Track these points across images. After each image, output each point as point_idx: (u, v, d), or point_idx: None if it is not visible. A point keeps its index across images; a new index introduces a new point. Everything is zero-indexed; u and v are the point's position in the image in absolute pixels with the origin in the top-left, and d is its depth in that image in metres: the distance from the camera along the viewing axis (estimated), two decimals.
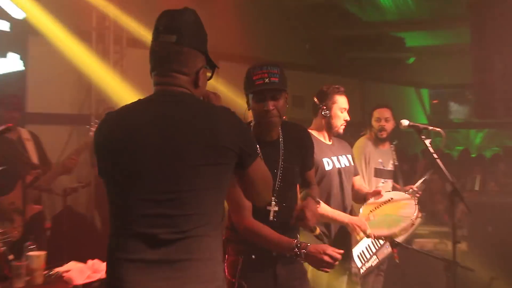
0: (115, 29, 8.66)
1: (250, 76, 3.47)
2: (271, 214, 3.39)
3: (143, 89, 7.97)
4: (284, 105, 3.46)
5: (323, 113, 4.51)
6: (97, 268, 4.72)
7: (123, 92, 8.43)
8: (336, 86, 4.61)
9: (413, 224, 4.65)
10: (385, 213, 4.68)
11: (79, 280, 4.49)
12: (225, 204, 2.98)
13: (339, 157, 4.56)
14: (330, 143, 4.60)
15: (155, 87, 2.54)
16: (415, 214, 4.61)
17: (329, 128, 4.57)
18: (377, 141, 6.16)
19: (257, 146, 2.63)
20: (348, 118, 4.57)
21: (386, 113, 6.13)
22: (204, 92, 2.63)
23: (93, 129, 5.87)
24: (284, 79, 3.45)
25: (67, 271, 4.59)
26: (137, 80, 8.38)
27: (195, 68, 2.52)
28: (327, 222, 4.40)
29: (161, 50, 2.50)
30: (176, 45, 2.47)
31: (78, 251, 5.50)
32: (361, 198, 4.85)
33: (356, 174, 4.97)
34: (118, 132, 2.45)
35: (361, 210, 4.77)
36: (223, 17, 8.90)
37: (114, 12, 8.45)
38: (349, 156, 4.74)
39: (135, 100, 2.52)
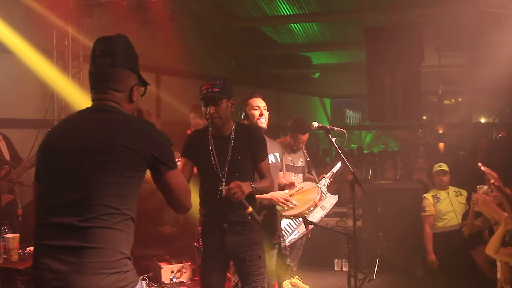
0: (73, 47, 8.46)
1: (200, 88, 3.62)
2: (223, 192, 3.47)
3: None
4: (226, 109, 3.59)
5: (242, 116, 4.51)
6: None
7: (81, 100, 8.26)
8: (249, 94, 4.58)
9: (316, 205, 4.73)
10: (296, 198, 4.76)
11: None
12: None
13: (269, 155, 4.51)
14: None
15: (92, 102, 2.47)
16: (318, 197, 4.70)
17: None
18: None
19: (175, 159, 2.50)
20: (264, 113, 4.47)
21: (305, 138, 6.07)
22: (137, 107, 2.56)
23: None
24: (226, 89, 3.56)
25: None
26: None
27: (129, 85, 2.46)
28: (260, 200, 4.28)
29: (98, 72, 2.44)
30: (111, 67, 2.42)
31: None
32: (280, 188, 4.85)
33: (281, 169, 5.01)
34: (51, 139, 2.44)
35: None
36: (164, 38, 8.84)
37: (72, 33, 8.26)
38: (277, 154, 4.71)
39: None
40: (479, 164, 4.59)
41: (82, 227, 2.20)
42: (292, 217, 4.98)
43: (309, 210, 4.72)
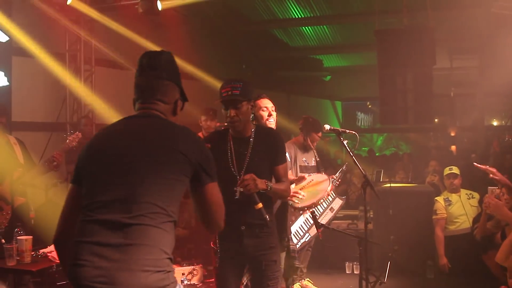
0: (85, 51, 8.51)
1: (219, 91, 3.57)
2: (237, 193, 3.45)
3: (109, 100, 7.96)
4: (247, 112, 3.56)
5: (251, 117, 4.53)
6: None
7: (93, 103, 8.32)
8: (257, 94, 4.59)
9: (328, 195, 4.77)
10: (308, 190, 4.80)
11: None
12: None
13: None
14: None
15: (137, 111, 2.52)
16: (329, 188, 4.73)
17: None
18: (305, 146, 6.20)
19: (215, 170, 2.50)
20: (272, 113, 4.53)
21: (319, 136, 6.17)
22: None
23: (70, 137, 5.74)
24: (247, 91, 3.52)
25: (50, 252, 4.56)
26: (104, 93, 8.30)
27: (174, 98, 2.54)
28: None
29: (146, 83, 2.51)
30: (159, 79, 2.50)
31: None
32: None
33: (290, 168, 5.04)
34: (98, 140, 2.49)
35: (292, 186, 4.86)
36: (175, 41, 8.86)
37: (84, 37, 8.33)
38: (287, 154, 4.75)
39: (107, 110, 2.54)
40: (475, 164, 4.69)
41: (129, 224, 2.21)
42: (306, 208, 5.02)
43: (322, 200, 4.78)
